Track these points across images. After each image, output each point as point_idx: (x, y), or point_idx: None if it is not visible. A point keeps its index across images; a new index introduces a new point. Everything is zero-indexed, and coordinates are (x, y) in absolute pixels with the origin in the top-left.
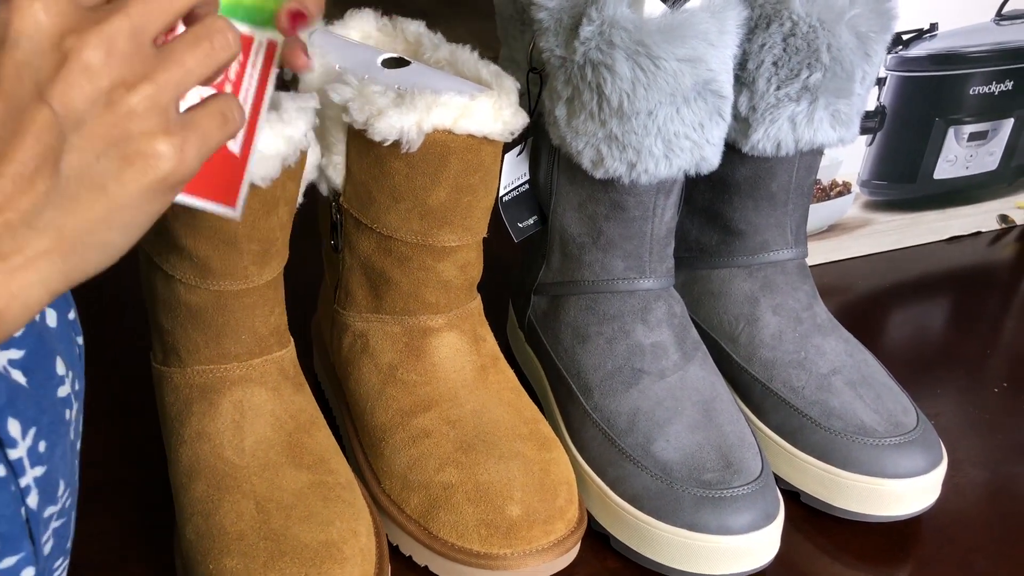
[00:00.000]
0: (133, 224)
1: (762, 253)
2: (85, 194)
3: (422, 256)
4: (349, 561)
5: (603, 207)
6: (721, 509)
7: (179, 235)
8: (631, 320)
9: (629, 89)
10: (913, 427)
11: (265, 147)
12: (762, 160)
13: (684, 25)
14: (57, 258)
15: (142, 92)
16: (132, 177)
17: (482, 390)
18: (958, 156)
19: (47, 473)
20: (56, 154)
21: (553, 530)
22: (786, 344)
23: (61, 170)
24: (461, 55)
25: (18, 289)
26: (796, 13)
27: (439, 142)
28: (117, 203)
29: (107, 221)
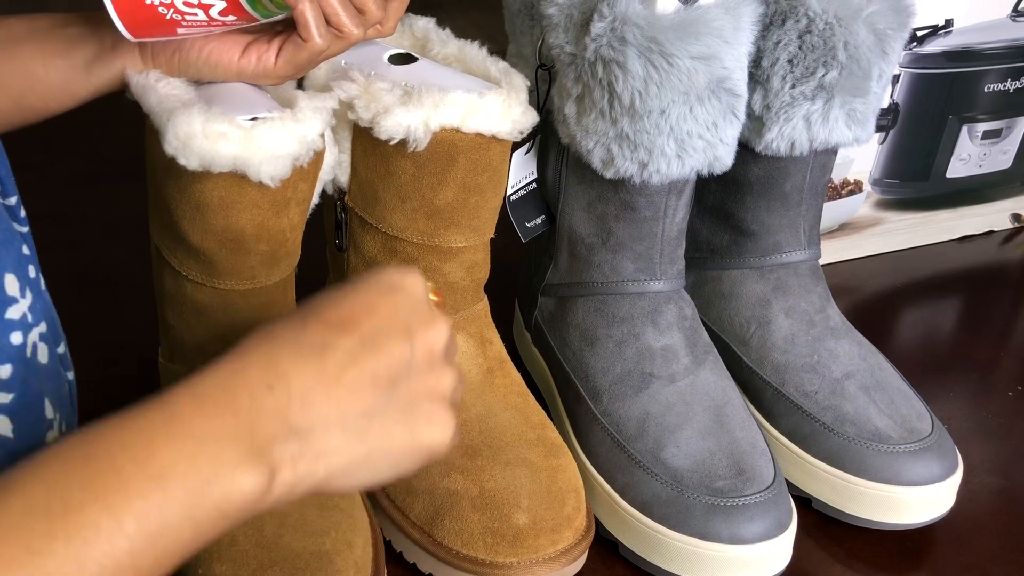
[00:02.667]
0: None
1: (774, 254)
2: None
3: (428, 257)
4: (341, 573)
5: (613, 207)
6: (733, 518)
7: (186, 231)
8: (641, 323)
9: (641, 87)
10: (928, 433)
11: (276, 145)
12: (776, 160)
13: (698, 22)
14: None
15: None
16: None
17: (488, 394)
18: (971, 154)
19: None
20: (398, 377)
21: (560, 539)
22: (798, 347)
23: (394, 395)
24: (470, 51)
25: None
26: (812, 10)
27: (447, 141)
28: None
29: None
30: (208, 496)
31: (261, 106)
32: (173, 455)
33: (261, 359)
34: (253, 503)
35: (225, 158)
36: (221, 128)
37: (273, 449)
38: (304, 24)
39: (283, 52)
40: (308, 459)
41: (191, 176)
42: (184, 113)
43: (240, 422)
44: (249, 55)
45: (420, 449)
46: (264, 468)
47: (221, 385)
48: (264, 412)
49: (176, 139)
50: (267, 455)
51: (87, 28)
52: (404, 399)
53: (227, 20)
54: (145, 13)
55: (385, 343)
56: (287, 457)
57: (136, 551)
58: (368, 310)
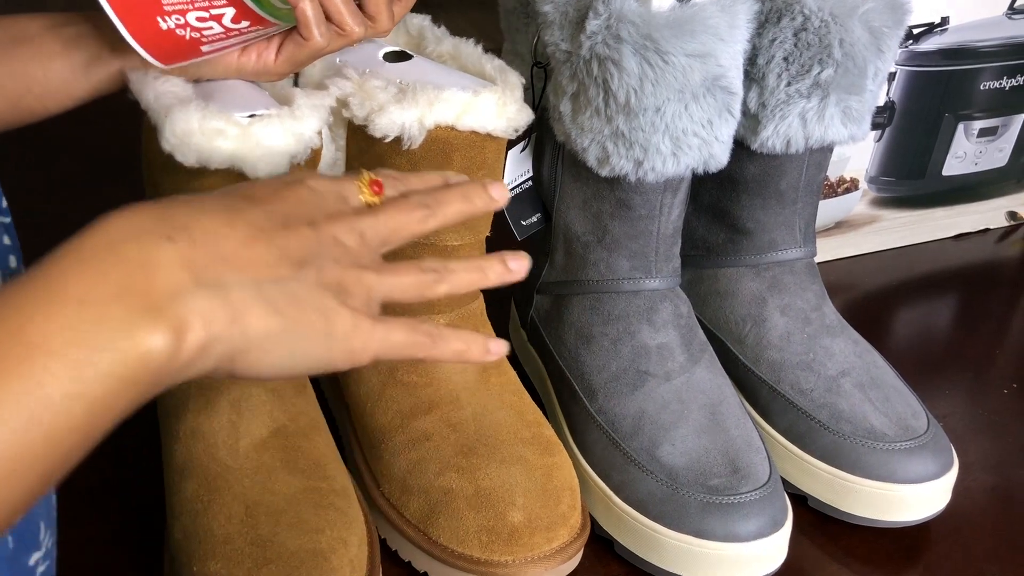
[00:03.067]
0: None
1: (770, 252)
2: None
3: (423, 255)
4: (336, 572)
5: (608, 205)
6: (728, 516)
7: None
8: (636, 321)
9: (636, 85)
10: (924, 431)
11: (273, 142)
12: (771, 157)
13: (694, 19)
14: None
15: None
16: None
17: (484, 392)
18: (967, 152)
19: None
20: (305, 259)
21: (556, 537)
22: (794, 345)
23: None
24: (465, 49)
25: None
26: (808, 7)
27: (441, 139)
28: (308, 329)
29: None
30: (97, 364)
31: (259, 103)
32: (49, 323)
33: (153, 213)
34: (160, 366)
35: (222, 155)
36: (218, 125)
37: (176, 302)
38: (305, 23)
39: (283, 50)
40: (223, 318)
41: (188, 173)
42: (182, 110)
43: (132, 276)
44: (249, 53)
45: (333, 342)
46: (165, 324)
47: (111, 234)
48: (163, 263)
49: (174, 136)
50: (169, 309)
51: (85, 28)
52: (315, 281)
53: (242, 27)
54: (166, 40)
55: (292, 223)
56: (196, 311)
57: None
58: (271, 192)
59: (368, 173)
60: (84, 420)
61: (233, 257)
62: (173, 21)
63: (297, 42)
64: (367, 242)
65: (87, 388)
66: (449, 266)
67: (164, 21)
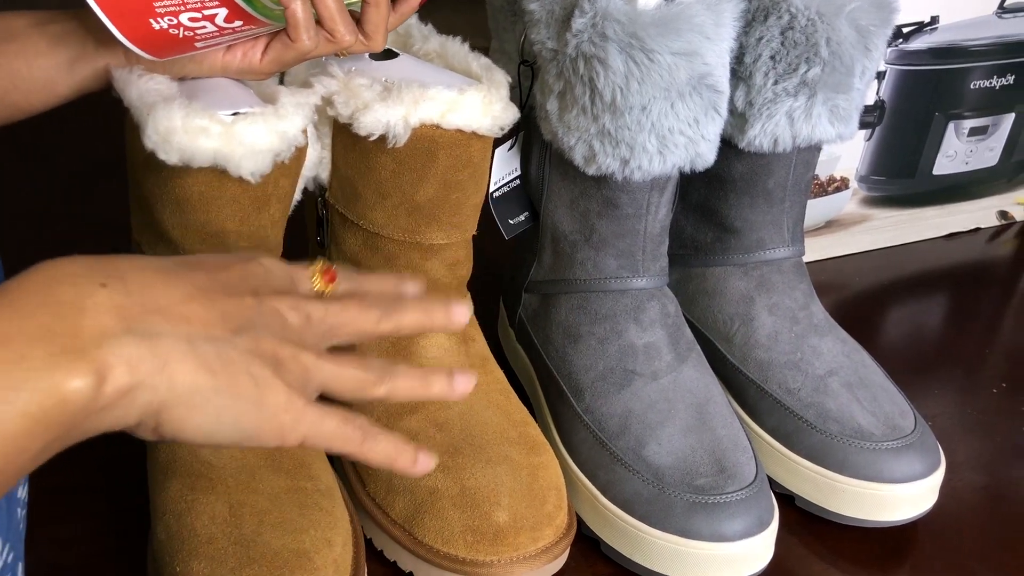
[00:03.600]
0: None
1: (758, 251)
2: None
3: (409, 254)
4: (319, 572)
5: (596, 204)
6: (714, 515)
7: (167, 227)
8: (624, 320)
9: (622, 83)
10: (911, 431)
11: (256, 140)
12: (759, 156)
13: (679, 18)
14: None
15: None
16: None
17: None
18: (958, 151)
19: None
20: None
21: (541, 536)
22: (782, 345)
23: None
24: (451, 47)
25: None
26: (795, 6)
27: (426, 137)
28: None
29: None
30: (12, 402)
31: (243, 101)
32: None
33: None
34: (79, 408)
35: (205, 153)
36: (202, 123)
37: (101, 345)
38: (294, 25)
39: (269, 50)
40: (149, 365)
41: (171, 171)
42: (164, 107)
43: (59, 318)
44: (234, 51)
45: (262, 411)
46: (87, 366)
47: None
48: (93, 307)
49: (156, 133)
50: (92, 352)
51: (70, 26)
52: (251, 348)
53: (235, 26)
54: (159, 37)
55: (235, 290)
56: (122, 356)
57: None
58: (221, 262)
59: (323, 261)
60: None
61: (168, 310)
62: (166, 22)
63: (285, 43)
64: (312, 325)
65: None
66: (393, 370)
67: (156, 22)
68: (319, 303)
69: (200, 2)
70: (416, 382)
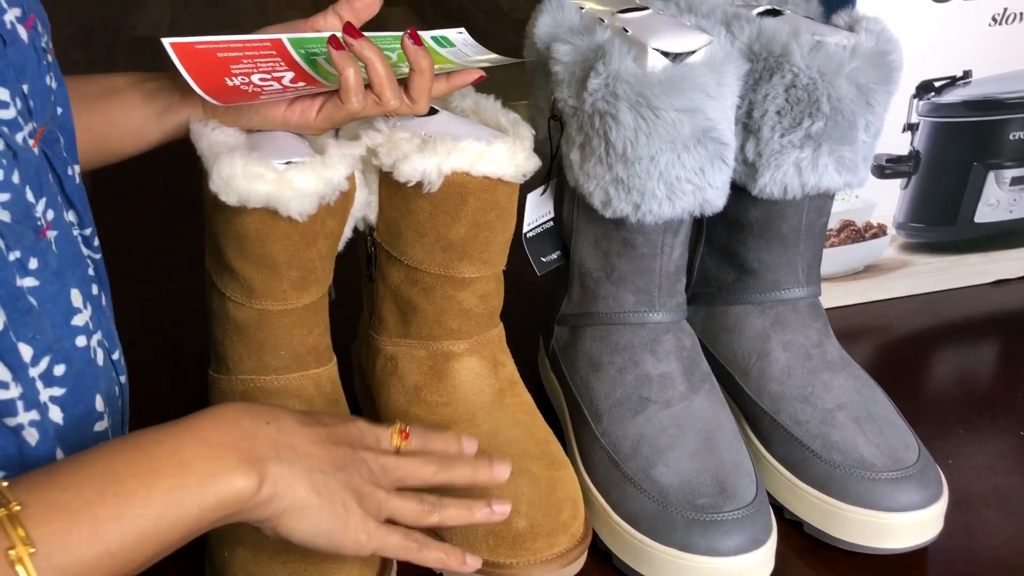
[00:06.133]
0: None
1: (774, 291)
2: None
3: (445, 286)
4: (348, 563)
5: (615, 244)
6: (711, 532)
7: (230, 258)
8: (641, 351)
9: (632, 136)
10: (912, 462)
11: (304, 185)
12: (772, 203)
13: (683, 78)
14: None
15: (382, 495)
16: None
17: (499, 412)
18: (1000, 200)
19: None
20: (340, 467)
21: (556, 543)
22: (794, 379)
23: (338, 473)
24: (485, 104)
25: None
26: (797, 65)
27: (458, 183)
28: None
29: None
30: (211, 485)
31: (297, 152)
32: (191, 451)
33: (265, 407)
34: (243, 501)
35: (259, 195)
36: (258, 170)
37: (265, 463)
38: (346, 88)
39: (323, 109)
40: (284, 483)
41: (232, 211)
42: (228, 157)
43: (243, 438)
44: (294, 109)
45: (347, 529)
46: (256, 475)
47: (234, 411)
48: (262, 435)
49: (219, 178)
50: (259, 467)
51: (162, 84)
52: (345, 482)
53: (297, 86)
54: (231, 91)
55: (340, 442)
56: (273, 474)
57: (159, 516)
58: (333, 421)
59: (400, 424)
60: (193, 521)
61: (300, 447)
62: (239, 80)
63: (336, 104)
64: (387, 473)
65: (203, 500)
66: (443, 502)
67: (231, 80)
68: (393, 457)
69: (272, 66)
70: (463, 512)
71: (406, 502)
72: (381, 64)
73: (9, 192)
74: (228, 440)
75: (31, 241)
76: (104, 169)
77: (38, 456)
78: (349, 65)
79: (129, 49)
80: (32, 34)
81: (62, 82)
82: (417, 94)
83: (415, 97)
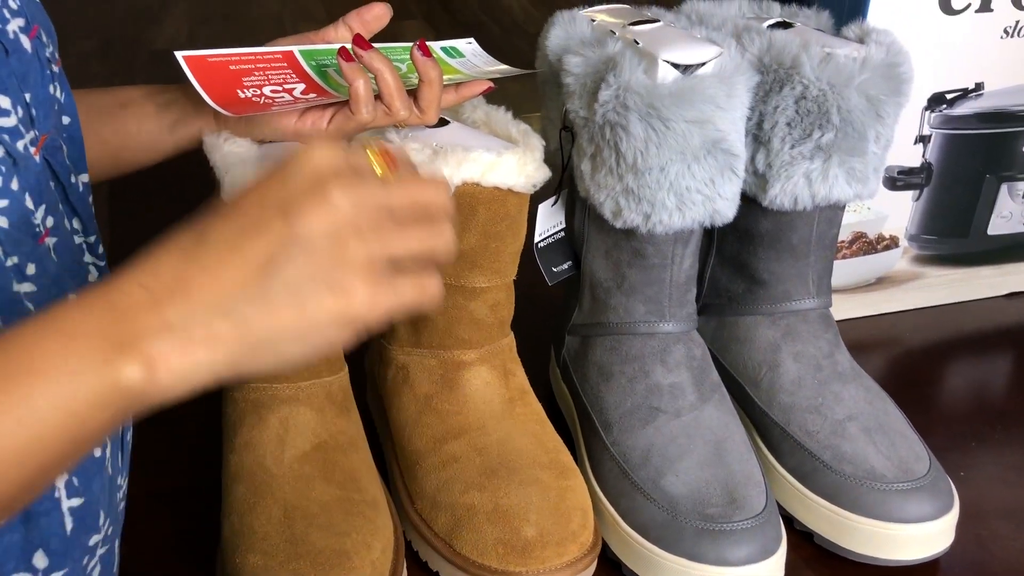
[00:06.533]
0: (310, 343)
1: (784, 302)
2: (284, 304)
3: (455, 296)
4: (356, 570)
5: (626, 254)
6: (720, 541)
7: None
8: (651, 361)
9: (642, 147)
10: (923, 474)
11: None
12: (782, 214)
13: (693, 90)
14: (234, 349)
15: (366, 245)
16: (327, 304)
17: (509, 421)
18: (1013, 212)
19: (86, 504)
20: (275, 262)
21: (566, 552)
22: (805, 390)
23: (273, 277)
24: (496, 115)
25: (183, 363)
26: (807, 78)
27: (468, 193)
28: (305, 321)
29: (290, 332)
30: (79, 387)
31: None
32: (44, 351)
33: (141, 264)
34: (135, 393)
35: None
36: None
37: (145, 341)
38: (356, 99)
39: (334, 120)
40: (197, 346)
41: None
42: (240, 168)
43: (111, 320)
44: (305, 120)
45: (320, 324)
46: (138, 360)
47: (102, 290)
48: (135, 308)
49: (232, 189)
50: (140, 347)
51: (175, 95)
52: (290, 281)
53: (308, 97)
54: (242, 102)
55: (263, 228)
56: (167, 348)
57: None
58: (253, 196)
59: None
60: (64, 428)
61: (198, 289)
62: (250, 92)
63: (347, 115)
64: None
65: (71, 405)
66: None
67: (243, 92)
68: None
69: (283, 78)
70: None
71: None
72: (391, 75)
73: (7, 199)
74: (92, 327)
75: (29, 247)
76: (121, 179)
77: None
78: (358, 76)
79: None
80: (36, 44)
81: (69, 92)
82: (426, 105)
83: (424, 108)
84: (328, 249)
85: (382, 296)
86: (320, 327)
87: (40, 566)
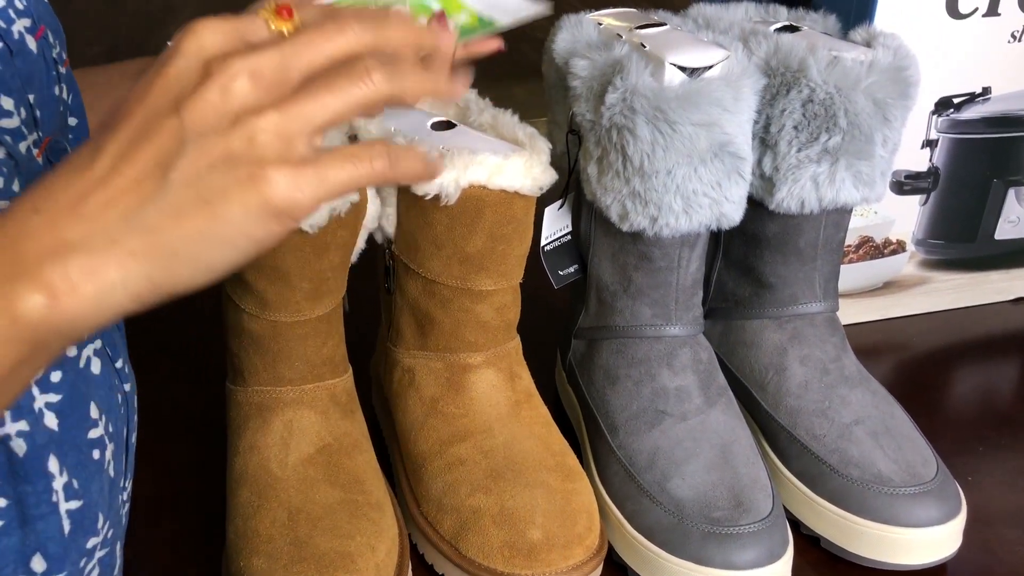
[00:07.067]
0: (231, 245)
1: (791, 306)
2: (189, 204)
3: (462, 299)
4: (361, 573)
5: (632, 258)
6: (726, 545)
7: (243, 270)
8: (657, 364)
9: (649, 150)
10: (931, 478)
11: None
12: (789, 217)
13: (700, 93)
14: (146, 262)
15: (269, 120)
16: (237, 196)
17: (515, 423)
18: (1021, 217)
19: (84, 507)
20: (171, 160)
21: (571, 555)
22: (811, 394)
23: (171, 176)
24: (502, 119)
25: (92, 285)
26: (814, 81)
27: (475, 196)
28: (218, 219)
29: (205, 235)
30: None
31: None
32: None
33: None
34: (40, 324)
35: None
36: None
37: (43, 267)
38: None
39: None
40: (104, 264)
41: None
42: None
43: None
44: None
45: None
46: (37, 287)
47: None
48: (28, 233)
49: None
50: (37, 274)
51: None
52: (189, 178)
53: None
54: None
55: (153, 127)
56: (71, 270)
57: None
58: (138, 96)
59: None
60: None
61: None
62: None
63: None
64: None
65: None
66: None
67: None
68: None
69: None
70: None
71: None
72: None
73: (8, 200)
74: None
75: None
76: None
77: (27, 467)
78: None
79: None
80: (42, 44)
81: (77, 92)
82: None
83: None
84: (226, 136)
85: (306, 178)
86: (238, 224)
87: (38, 570)
